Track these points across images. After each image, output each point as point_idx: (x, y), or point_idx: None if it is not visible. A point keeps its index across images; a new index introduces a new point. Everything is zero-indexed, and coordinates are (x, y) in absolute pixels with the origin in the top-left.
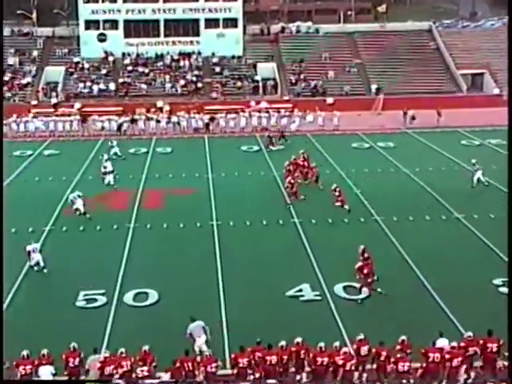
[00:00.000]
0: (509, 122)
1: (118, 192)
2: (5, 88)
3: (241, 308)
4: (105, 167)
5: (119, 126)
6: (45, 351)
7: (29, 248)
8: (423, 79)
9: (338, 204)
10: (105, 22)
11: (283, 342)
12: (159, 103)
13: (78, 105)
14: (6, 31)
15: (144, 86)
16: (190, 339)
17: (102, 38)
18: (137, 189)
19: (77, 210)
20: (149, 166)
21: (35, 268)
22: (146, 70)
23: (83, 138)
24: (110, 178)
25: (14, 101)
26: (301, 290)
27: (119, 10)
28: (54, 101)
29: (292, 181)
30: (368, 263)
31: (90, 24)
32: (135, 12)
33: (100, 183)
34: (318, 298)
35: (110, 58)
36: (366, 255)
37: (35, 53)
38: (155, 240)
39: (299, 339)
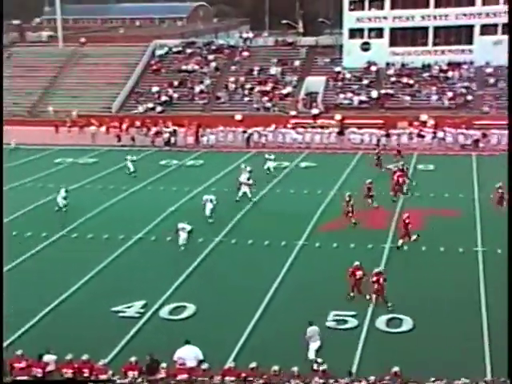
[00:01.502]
0: (509, 129)
1: (377, 210)
2: (265, 98)
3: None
4: (248, 178)
5: (378, 140)
6: (295, 369)
7: (179, 226)
8: None
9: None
10: (370, 30)
11: None
12: (423, 116)
13: (338, 116)
14: (270, 41)
15: (407, 98)
16: (307, 343)
17: (365, 47)
18: (395, 207)
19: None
20: (408, 184)
21: (182, 248)
22: (411, 81)
23: (341, 151)
24: (246, 190)
25: (274, 111)
26: None
27: (385, 18)
28: (314, 112)
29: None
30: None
31: (355, 32)
32: (402, 19)
33: (356, 198)
34: None
35: (373, 68)
36: (375, 278)
37: (297, 63)
38: (412, 263)
39: None
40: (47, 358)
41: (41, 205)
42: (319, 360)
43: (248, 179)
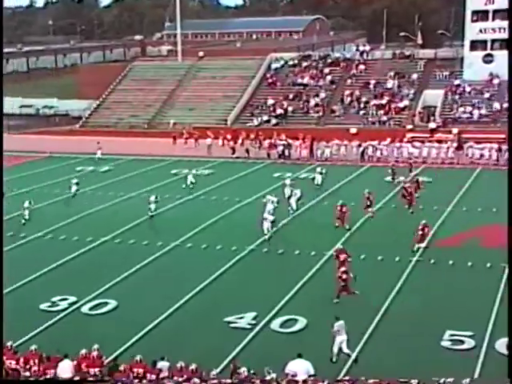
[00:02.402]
0: (509, 131)
1: (494, 227)
2: (381, 111)
3: None
4: (295, 194)
5: (497, 155)
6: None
7: (265, 215)
8: None
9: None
10: (493, 41)
11: None
12: None
13: (455, 130)
14: (388, 53)
15: None
16: (333, 337)
17: (488, 59)
18: None
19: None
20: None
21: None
22: None
23: (458, 166)
24: (292, 203)
25: (390, 125)
26: None
27: None
28: (431, 126)
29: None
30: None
31: (476, 44)
32: None
33: (474, 215)
34: None
35: (495, 81)
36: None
37: (415, 76)
38: None
39: None
40: (161, 364)
41: (156, 214)
42: (349, 352)
43: (295, 194)
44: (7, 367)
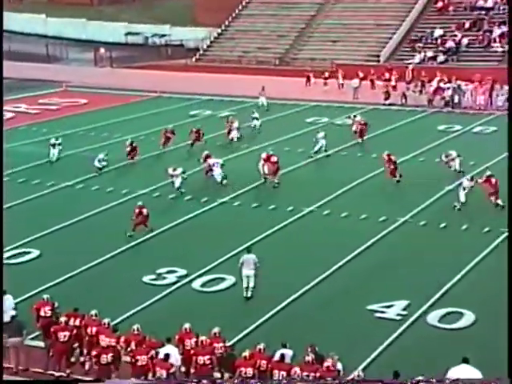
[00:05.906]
0: (509, 118)
1: None
2: None
3: None
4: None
5: None
6: None
7: None
8: None
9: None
10: None
11: None
12: None
13: None
14: None
15: None
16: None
17: None
18: None
19: None
20: None
21: None
22: None
23: None
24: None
25: None
26: None
27: None
28: None
29: None
30: None
31: None
32: None
33: None
34: None
35: None
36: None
37: None
38: None
39: None
40: (283, 351)
41: (286, 172)
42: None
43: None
44: (105, 344)
